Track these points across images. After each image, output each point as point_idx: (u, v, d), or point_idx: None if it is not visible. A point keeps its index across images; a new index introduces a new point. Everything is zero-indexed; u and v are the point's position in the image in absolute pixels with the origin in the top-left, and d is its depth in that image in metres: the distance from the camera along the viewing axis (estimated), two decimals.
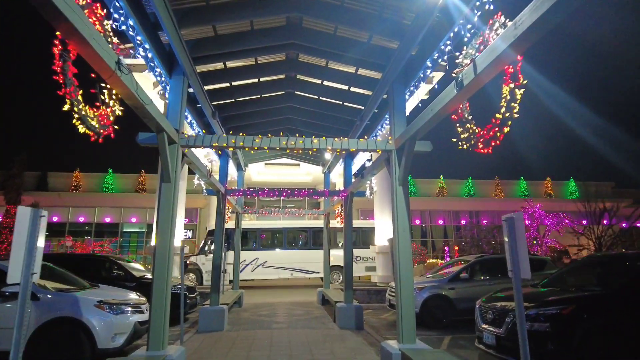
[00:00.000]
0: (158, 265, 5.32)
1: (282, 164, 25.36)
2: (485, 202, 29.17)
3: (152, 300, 5.30)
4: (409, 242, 5.77)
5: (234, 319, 10.36)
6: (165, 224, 5.41)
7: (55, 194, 26.05)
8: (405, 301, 5.69)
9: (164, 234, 5.38)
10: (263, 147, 5.91)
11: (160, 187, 5.52)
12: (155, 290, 5.31)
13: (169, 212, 5.44)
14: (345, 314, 9.36)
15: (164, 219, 5.43)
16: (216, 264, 9.40)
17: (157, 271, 5.32)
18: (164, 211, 5.44)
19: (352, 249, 9.85)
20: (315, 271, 18.20)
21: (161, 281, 5.30)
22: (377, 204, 14.93)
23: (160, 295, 5.26)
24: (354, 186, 8.96)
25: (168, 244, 5.37)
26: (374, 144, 6.05)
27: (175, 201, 5.54)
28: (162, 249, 5.35)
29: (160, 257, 5.33)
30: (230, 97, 8.44)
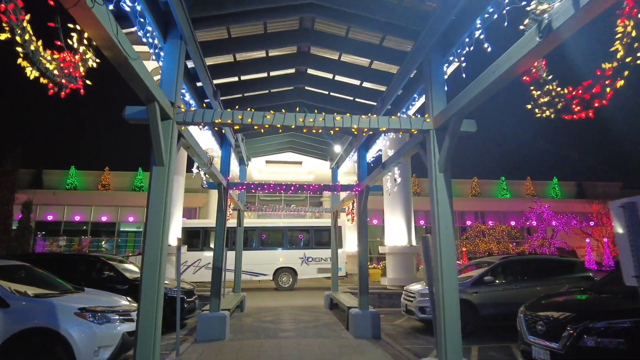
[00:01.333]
0: (148, 265, 4.25)
1: (284, 162, 24.33)
2: (491, 202, 28.18)
3: (140, 306, 4.24)
4: (452, 241, 4.73)
5: (236, 325, 9.28)
6: (157, 216, 4.34)
7: (50, 192, 24.95)
8: (450, 312, 4.64)
9: (155, 227, 4.31)
10: (275, 124, 4.85)
11: (152, 172, 4.46)
12: (143, 294, 4.24)
13: (161, 200, 4.37)
14: (360, 321, 8.29)
15: (155, 209, 4.36)
16: (217, 265, 8.32)
17: (147, 272, 4.25)
18: (155, 200, 4.38)
19: (367, 250, 8.78)
20: (263, 273, 17.07)
21: (151, 283, 4.23)
22: (387, 202, 13.89)
23: (150, 301, 4.20)
24: (371, 179, 7.90)
25: (160, 239, 4.30)
26: (407, 122, 4.99)
27: (169, 188, 4.47)
28: (152, 245, 4.28)
29: (151, 254, 4.26)
30: (234, 75, 7.38)
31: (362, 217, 8.70)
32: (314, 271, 17.28)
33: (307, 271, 17.05)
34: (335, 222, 12.34)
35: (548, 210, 25.43)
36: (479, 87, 3.90)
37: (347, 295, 11.28)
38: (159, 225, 4.33)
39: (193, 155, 6.06)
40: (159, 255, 4.27)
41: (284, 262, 16.80)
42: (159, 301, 4.28)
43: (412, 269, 13.91)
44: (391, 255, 13.76)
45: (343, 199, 10.79)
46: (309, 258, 17.04)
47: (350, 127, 4.90)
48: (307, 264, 17.01)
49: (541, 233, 25.32)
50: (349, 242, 20.31)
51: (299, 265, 16.82)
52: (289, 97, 8.84)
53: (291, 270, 16.94)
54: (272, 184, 8.87)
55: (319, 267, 17.22)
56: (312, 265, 17.18)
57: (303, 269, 16.91)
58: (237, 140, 10.04)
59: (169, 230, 4.44)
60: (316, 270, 17.28)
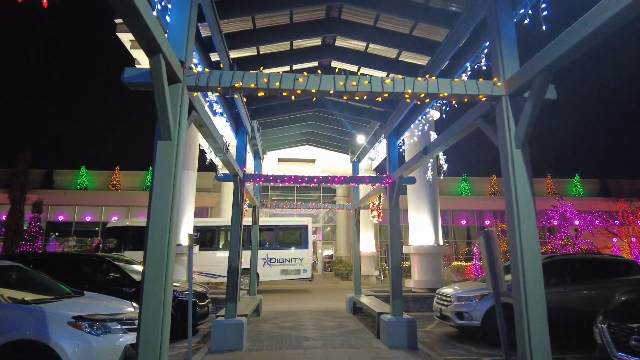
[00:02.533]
0: (151, 263, 3.27)
1: (297, 159, 23.34)
2: None
3: (141, 314, 3.26)
4: (535, 235, 3.67)
5: (254, 332, 8.28)
6: (163, 202, 3.36)
7: (61, 192, 24.30)
8: (536, 321, 3.58)
9: (161, 217, 3.33)
10: (309, 89, 3.83)
11: (156, 148, 3.48)
12: (146, 299, 3.26)
13: (168, 183, 3.39)
14: (394, 329, 7.24)
15: (160, 193, 3.38)
16: (232, 266, 7.34)
17: (150, 272, 3.27)
18: (161, 182, 3.40)
19: (399, 251, 7.74)
20: (222, 275, 15.49)
21: (155, 286, 3.25)
22: (411, 199, 12.82)
23: (154, 307, 3.22)
24: (406, 168, 6.85)
25: (167, 231, 3.32)
26: (474, 86, 3.95)
27: (177, 167, 3.49)
28: (158, 239, 3.30)
29: (156, 250, 3.28)
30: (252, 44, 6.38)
31: (393, 212, 7.66)
32: (277, 273, 16.02)
33: (269, 273, 15.82)
34: (357, 220, 11.30)
35: (571, 208, 24.09)
36: (579, 34, 2.86)
37: (373, 299, 10.22)
38: (166, 214, 3.34)
39: (207, 137, 5.08)
40: (165, 250, 3.29)
41: (244, 263, 15.16)
42: (165, 308, 3.29)
43: (440, 270, 12.81)
44: (417, 256, 12.65)
45: (368, 194, 9.74)
46: (272, 259, 15.82)
47: (403, 91, 3.88)
48: (270, 266, 15.79)
49: (565, 233, 23.96)
50: (362, 242, 19.20)
51: (261, 266, 15.42)
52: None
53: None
54: (292, 176, 7.87)
55: (282, 269, 15.97)
56: (275, 266, 15.95)
57: (265, 271, 15.60)
58: (253, 129, 9.06)
59: (177, 221, 3.45)
60: (279, 272, 16.03)
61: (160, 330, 3.21)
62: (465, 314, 8.18)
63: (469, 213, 27.09)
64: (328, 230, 28.96)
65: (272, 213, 24.91)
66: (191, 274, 6.03)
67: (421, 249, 12.25)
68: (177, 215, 3.47)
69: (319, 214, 28.93)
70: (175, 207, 3.45)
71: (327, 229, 28.96)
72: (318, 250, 28.41)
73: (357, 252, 11.30)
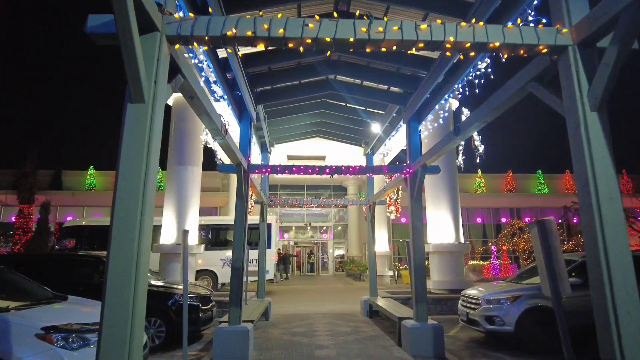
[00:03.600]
0: (115, 265, 2.44)
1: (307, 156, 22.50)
2: (528, 198, 25.69)
3: (102, 328, 2.43)
4: (621, 220, 2.76)
5: (262, 339, 7.45)
6: (131, 183, 2.53)
7: (69, 192, 23.82)
8: (629, 330, 2.65)
9: (129, 204, 2.51)
10: (322, 37, 2.96)
11: (125, 112, 2.66)
12: (107, 314, 2.43)
13: (138, 157, 2.57)
14: (418, 336, 6.35)
15: (129, 171, 2.56)
16: (236, 266, 6.51)
17: (113, 276, 2.44)
18: (129, 155, 2.58)
19: (423, 248, 6.84)
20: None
21: (120, 296, 2.42)
22: (429, 195, 11.88)
23: (117, 325, 2.39)
24: (432, 153, 5.95)
25: (136, 222, 2.49)
26: (532, 34, 3.05)
27: (152, 140, 2.67)
28: (124, 233, 2.47)
29: (121, 249, 2.45)
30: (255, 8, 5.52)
31: (415, 206, 6.76)
32: (190, 274, 14.70)
33: (229, 274, 14.61)
34: (372, 217, 10.41)
35: None
36: None
37: (390, 302, 9.32)
38: (135, 202, 2.52)
39: (201, 115, 4.26)
40: (134, 248, 2.46)
41: (203, 264, 14.03)
42: (134, 326, 2.45)
43: (462, 269, 11.84)
44: (436, 255, 11.69)
45: (384, 186, 8.85)
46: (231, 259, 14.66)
47: (442, 40, 2.98)
48: (230, 266, 14.60)
49: None
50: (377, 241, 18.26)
51: (220, 267, 14.42)
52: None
53: (211, 274, 14.46)
54: (302, 167, 7.02)
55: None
56: None
57: (224, 272, 14.38)
58: (259, 117, 8.24)
59: (150, 211, 2.62)
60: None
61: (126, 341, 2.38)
62: (496, 318, 7.25)
63: (484, 211, 25.97)
64: (339, 230, 28.06)
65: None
66: (186, 275, 5.22)
67: (441, 247, 11.30)
68: (151, 203, 2.64)
69: (330, 213, 28.06)
70: (149, 193, 2.62)
71: (338, 228, 28.07)
72: (329, 250, 27.53)
73: (372, 251, 10.42)
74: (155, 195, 2.71)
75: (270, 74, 6.97)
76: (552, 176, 26.78)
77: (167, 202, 11.12)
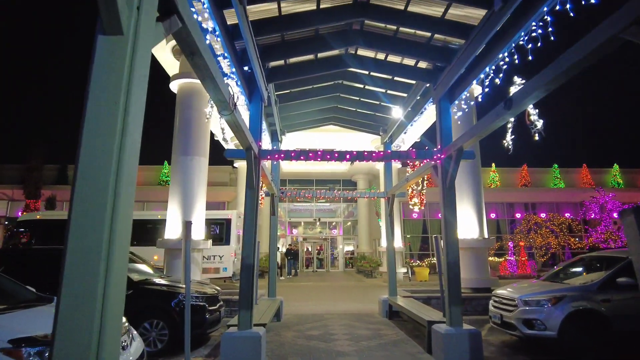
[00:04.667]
0: (75, 260, 1.63)
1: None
2: (544, 193, 24.65)
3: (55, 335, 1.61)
4: None
5: (274, 343, 6.67)
6: (101, 148, 1.73)
7: None
8: None
9: (96, 174, 1.71)
10: None
11: (95, 47, 1.85)
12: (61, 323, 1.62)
13: (114, 95, 1.77)
14: (453, 343, 5.52)
15: (96, 128, 1.75)
16: (247, 263, 5.71)
17: (72, 273, 1.63)
18: (98, 103, 1.77)
19: (456, 242, 6.00)
20: None
21: (83, 292, 1.61)
22: None
23: (76, 337, 1.58)
24: (474, 133, 5.08)
25: (106, 201, 1.69)
26: None
27: (133, 82, 1.86)
28: (86, 219, 1.67)
29: (82, 237, 1.65)
30: None
31: (447, 197, 5.91)
32: (194, 271, 13.79)
33: None
34: (391, 210, 9.56)
35: (612, 200, 21.82)
36: None
37: (412, 302, 8.49)
38: (105, 173, 1.71)
39: (204, 80, 3.44)
40: (103, 238, 1.65)
41: (159, 260, 13.00)
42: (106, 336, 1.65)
43: (486, 267, 10.98)
44: (462, 250, 10.83)
45: (407, 177, 8.00)
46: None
47: None
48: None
49: (605, 226, 21.69)
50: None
51: None
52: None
53: None
54: (319, 151, 6.19)
55: (203, 267, 13.38)
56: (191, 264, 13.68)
57: None
58: (270, 100, 7.41)
59: (131, 185, 1.81)
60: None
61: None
62: (536, 321, 6.41)
63: (498, 206, 24.97)
64: (349, 225, 27.23)
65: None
66: (189, 272, 4.43)
67: (464, 243, 10.42)
68: (130, 178, 1.83)
69: (339, 209, 27.25)
70: (128, 163, 1.81)
71: (348, 224, 27.24)
72: (339, 245, 26.73)
73: (390, 247, 9.58)
74: (137, 168, 1.91)
75: (283, 45, 6.12)
76: (568, 170, 25.70)
77: (172, 195, 10.36)
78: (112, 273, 1.66)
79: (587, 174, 25.42)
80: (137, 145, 1.90)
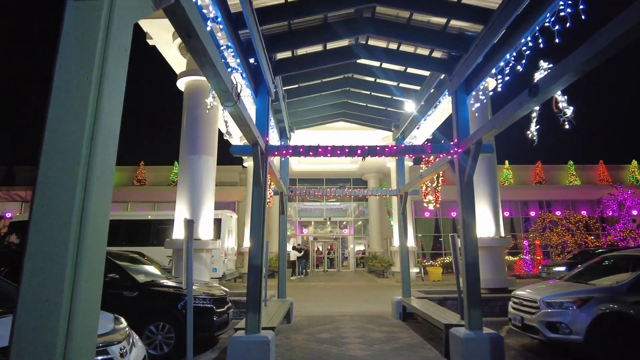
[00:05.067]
0: (37, 247, 1.35)
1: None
2: (559, 191, 23.94)
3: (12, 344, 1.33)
4: None
5: (284, 347, 6.38)
6: (75, 100, 1.45)
7: None
8: None
9: (63, 152, 1.42)
10: None
11: (65, 11, 1.57)
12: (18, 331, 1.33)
13: (87, 66, 1.48)
14: (473, 348, 5.16)
15: (68, 88, 1.47)
16: (254, 264, 5.43)
17: (33, 267, 1.35)
18: (71, 64, 1.49)
19: (475, 241, 5.67)
20: None
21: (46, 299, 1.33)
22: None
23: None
24: (495, 124, 4.71)
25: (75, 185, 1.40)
26: None
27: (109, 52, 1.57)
28: (53, 186, 1.38)
29: (49, 215, 1.36)
30: None
31: (465, 193, 5.56)
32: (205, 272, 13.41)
33: None
34: (404, 208, 9.21)
35: (632, 197, 21.08)
36: None
37: (427, 303, 8.14)
38: (75, 156, 1.42)
39: (204, 65, 3.15)
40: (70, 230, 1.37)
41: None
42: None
43: (503, 266, 10.56)
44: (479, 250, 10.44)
45: (421, 173, 7.65)
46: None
47: None
48: None
49: (624, 224, 20.96)
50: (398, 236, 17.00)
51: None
52: None
53: None
54: (329, 147, 5.89)
55: None
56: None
57: None
58: (278, 96, 7.13)
59: (109, 170, 1.53)
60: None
61: None
62: (561, 325, 6.01)
63: (512, 204, 24.33)
64: (359, 225, 26.86)
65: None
66: (191, 272, 4.16)
67: (480, 242, 9.94)
68: (106, 163, 1.54)
69: (349, 208, 26.90)
70: (103, 145, 1.52)
71: (359, 223, 26.86)
72: (349, 245, 26.37)
73: (403, 246, 9.22)
74: (114, 159, 1.62)
75: (290, 34, 5.82)
76: (584, 167, 24.95)
77: (180, 194, 10.14)
78: (81, 281, 1.37)
79: (604, 170, 24.64)
80: (115, 132, 1.61)
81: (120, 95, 1.67)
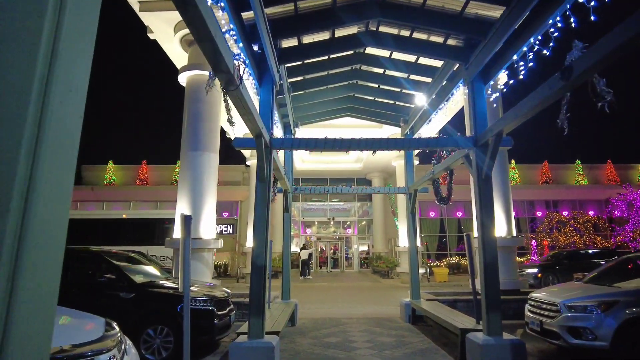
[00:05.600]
0: None
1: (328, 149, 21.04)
2: (566, 190, 23.46)
3: None
4: None
5: (289, 353, 5.99)
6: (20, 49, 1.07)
7: (88, 188, 23.03)
8: None
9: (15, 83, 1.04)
10: None
11: None
12: None
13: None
14: (491, 356, 4.77)
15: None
16: (257, 264, 5.05)
17: None
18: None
19: (494, 239, 5.29)
20: None
21: None
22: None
23: None
24: (518, 113, 4.33)
25: (17, 160, 1.02)
26: None
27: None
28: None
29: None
30: None
31: (483, 189, 5.18)
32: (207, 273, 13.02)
33: None
34: (413, 207, 8.83)
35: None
36: None
37: (437, 306, 7.74)
38: (15, 128, 1.04)
39: (202, 41, 2.78)
40: (5, 225, 0.98)
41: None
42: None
43: (515, 267, 10.14)
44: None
45: (433, 169, 7.25)
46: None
47: None
48: None
49: (633, 224, 20.46)
50: (403, 236, 16.58)
51: None
52: None
53: None
54: (337, 139, 5.51)
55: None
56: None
57: None
58: (282, 89, 6.76)
59: (72, 147, 1.14)
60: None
61: None
62: (584, 330, 5.60)
63: (518, 203, 23.86)
64: (363, 225, 26.45)
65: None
66: (188, 273, 3.79)
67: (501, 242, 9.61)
68: (67, 123, 1.16)
69: (353, 208, 26.51)
70: (56, 127, 1.14)
71: (363, 223, 26.46)
72: (353, 245, 25.97)
73: (412, 246, 8.83)
74: (82, 114, 1.24)
75: (297, 19, 5.43)
76: (592, 166, 24.47)
77: (181, 192, 9.77)
78: (19, 288, 1.00)
79: (612, 170, 24.15)
80: (80, 88, 1.23)
81: (90, 36, 1.27)
